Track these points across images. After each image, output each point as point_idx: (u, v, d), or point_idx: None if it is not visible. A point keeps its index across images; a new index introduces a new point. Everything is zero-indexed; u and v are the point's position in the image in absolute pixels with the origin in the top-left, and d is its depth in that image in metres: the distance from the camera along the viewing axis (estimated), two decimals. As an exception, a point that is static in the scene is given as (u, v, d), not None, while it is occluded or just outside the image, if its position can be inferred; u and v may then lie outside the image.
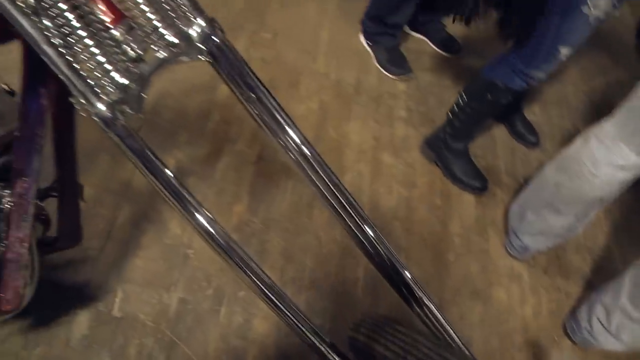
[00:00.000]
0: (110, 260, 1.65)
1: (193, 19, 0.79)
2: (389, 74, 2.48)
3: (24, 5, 0.70)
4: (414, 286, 0.90)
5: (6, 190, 1.07)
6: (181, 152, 1.93)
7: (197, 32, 0.78)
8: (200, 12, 0.79)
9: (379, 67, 2.51)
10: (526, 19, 1.71)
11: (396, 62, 2.49)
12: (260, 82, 0.85)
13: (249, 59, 0.84)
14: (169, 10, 0.78)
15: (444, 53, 2.69)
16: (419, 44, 2.69)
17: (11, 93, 1.17)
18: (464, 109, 2.00)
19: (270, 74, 2.25)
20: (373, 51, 2.54)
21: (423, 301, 0.90)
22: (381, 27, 2.44)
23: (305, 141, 0.87)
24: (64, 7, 0.70)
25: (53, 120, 0.97)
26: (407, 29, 2.67)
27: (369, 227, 0.90)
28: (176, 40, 0.77)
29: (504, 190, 2.18)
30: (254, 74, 0.84)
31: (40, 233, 1.28)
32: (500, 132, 2.43)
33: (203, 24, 0.79)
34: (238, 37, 2.34)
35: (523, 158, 2.35)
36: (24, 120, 0.92)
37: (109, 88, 0.73)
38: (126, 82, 0.73)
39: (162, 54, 0.77)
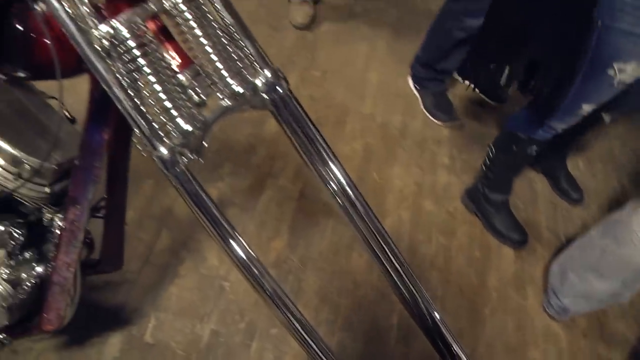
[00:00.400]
0: (147, 285, 1.67)
1: (259, 70, 0.81)
2: (434, 120, 2.48)
3: (99, 48, 0.72)
4: (448, 337, 0.89)
5: (59, 215, 1.10)
6: (225, 183, 1.95)
7: (262, 82, 0.80)
8: (267, 63, 0.81)
9: (425, 111, 2.51)
10: (550, 75, 1.72)
11: (443, 108, 2.49)
12: (317, 131, 0.86)
13: (298, 96, 0.85)
14: (236, 59, 0.80)
15: (490, 101, 2.68)
16: (465, 91, 2.69)
17: (72, 120, 1.21)
18: (494, 161, 2.02)
19: (318, 112, 2.27)
20: (420, 95, 2.54)
21: (457, 354, 0.89)
22: (430, 72, 2.45)
23: (350, 182, 0.88)
24: (138, 53, 0.73)
25: (110, 148, 1.00)
26: (455, 74, 2.68)
27: (407, 274, 0.89)
28: (241, 90, 0.79)
29: (544, 246, 2.14)
30: (313, 124, 0.85)
31: (84, 255, 1.31)
32: (542, 186, 2.39)
33: (269, 75, 0.80)
34: (289, 73, 2.35)
35: (565, 214, 2.31)
36: (84, 151, 0.95)
37: (173, 133, 0.74)
38: (190, 128, 0.75)
39: (226, 102, 0.79)
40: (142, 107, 0.74)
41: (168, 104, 0.74)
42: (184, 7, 0.76)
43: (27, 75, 0.95)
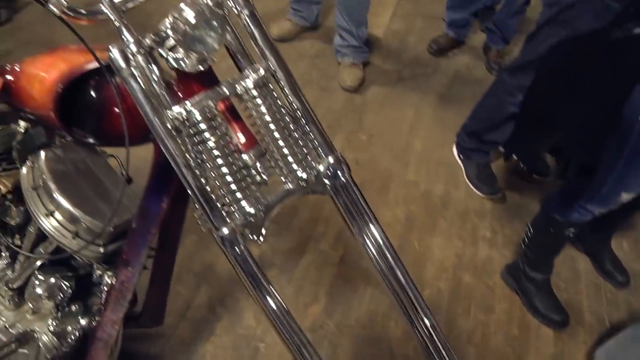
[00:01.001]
0: (183, 340, 1.68)
1: (323, 155, 0.83)
2: (476, 191, 2.47)
3: (170, 127, 0.76)
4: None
5: (108, 272, 1.13)
6: (266, 242, 1.97)
7: (325, 168, 0.83)
8: (331, 150, 0.84)
9: (467, 182, 2.51)
10: (590, 158, 1.71)
11: (485, 180, 2.48)
12: (368, 207, 0.88)
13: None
14: (302, 144, 0.82)
15: (535, 175, 2.66)
16: (509, 162, 2.69)
17: (129, 180, 1.25)
18: (532, 240, 2.00)
19: (362, 177, 2.29)
20: (464, 165, 2.54)
21: None
22: (477, 143, 2.45)
23: (391, 249, 0.89)
24: (208, 135, 0.76)
25: (167, 213, 1.03)
26: (500, 147, 2.68)
27: (444, 347, 0.89)
28: (305, 176, 0.81)
29: (587, 330, 2.08)
30: (368, 207, 0.87)
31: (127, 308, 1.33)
32: (585, 265, 2.34)
33: (332, 161, 0.83)
34: (335, 136, 2.42)
35: (610, 298, 2.24)
36: (142, 217, 0.98)
37: (236, 214, 0.77)
38: (253, 211, 0.77)
39: (289, 186, 0.82)
40: (207, 187, 0.77)
41: (233, 186, 0.76)
42: (255, 93, 0.79)
43: (95, 141, 0.99)
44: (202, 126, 0.75)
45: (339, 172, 0.84)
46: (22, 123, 1.14)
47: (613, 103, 1.55)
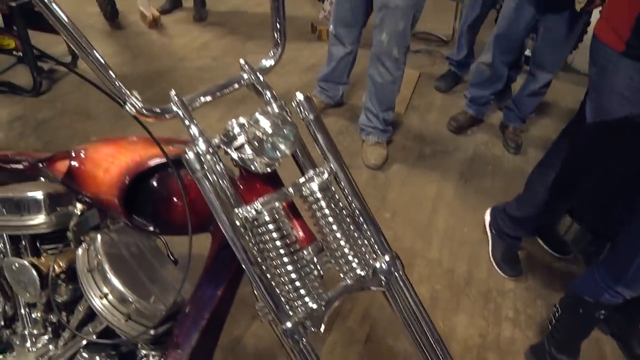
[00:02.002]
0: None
1: (379, 253, 0.88)
2: (499, 271, 2.49)
3: (238, 223, 0.81)
4: None
5: (153, 353, 1.16)
6: (293, 319, 1.98)
7: (382, 265, 0.87)
8: (387, 248, 0.88)
9: (491, 260, 2.52)
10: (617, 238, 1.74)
11: (510, 263, 2.49)
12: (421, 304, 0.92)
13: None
14: (360, 243, 0.87)
15: (555, 254, 2.68)
16: (531, 241, 2.71)
17: (175, 262, 1.30)
18: (560, 321, 1.99)
19: (386, 254, 2.32)
20: (492, 242, 2.55)
21: None
22: (516, 229, 2.45)
23: (443, 346, 0.92)
24: (275, 235, 0.81)
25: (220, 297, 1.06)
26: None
27: None
28: (363, 273, 0.86)
29: (613, 417, 2.06)
30: (421, 303, 0.91)
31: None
32: (611, 349, 2.31)
33: (387, 259, 0.87)
34: (360, 213, 2.46)
35: (636, 383, 2.23)
36: (195, 302, 1.02)
37: (299, 309, 0.81)
38: (315, 306, 0.81)
39: (347, 282, 0.86)
40: (272, 282, 0.81)
41: (298, 283, 0.81)
42: (320, 195, 0.85)
43: (155, 229, 1.04)
44: (271, 226, 0.80)
45: (393, 268, 0.88)
46: (78, 205, 1.19)
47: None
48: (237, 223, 0.80)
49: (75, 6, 4.18)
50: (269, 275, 0.81)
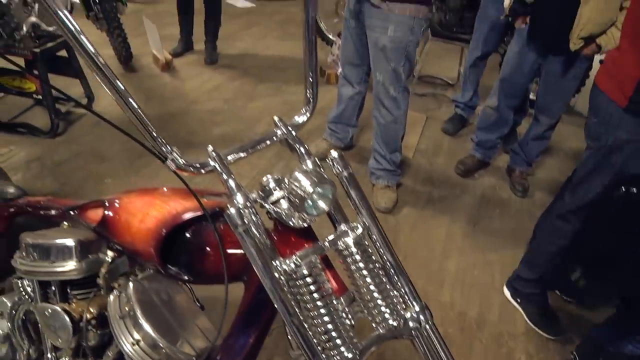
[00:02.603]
0: None
1: (410, 303, 0.92)
2: (543, 333, 2.43)
3: (276, 275, 0.85)
4: None
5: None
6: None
7: (412, 315, 0.91)
8: (417, 299, 0.92)
9: (532, 326, 2.47)
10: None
11: (549, 323, 2.45)
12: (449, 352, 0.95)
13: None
14: (391, 293, 0.91)
15: (566, 297, 2.69)
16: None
17: (202, 308, 1.33)
18: None
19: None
20: (524, 309, 2.52)
21: None
22: (536, 287, 2.45)
23: None
24: (313, 288, 0.84)
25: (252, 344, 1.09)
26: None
27: None
28: (395, 323, 0.89)
29: None
30: (449, 351, 0.94)
31: None
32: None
33: (417, 309, 0.91)
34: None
35: None
36: (228, 349, 1.05)
37: (335, 358, 0.84)
38: (350, 356, 0.84)
39: (380, 331, 0.89)
40: (309, 332, 0.84)
41: (334, 333, 0.84)
42: (354, 250, 0.89)
43: (189, 279, 1.08)
44: (308, 279, 0.84)
45: (422, 318, 0.91)
46: (109, 252, 1.23)
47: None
48: (276, 275, 0.84)
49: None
50: (305, 325, 0.84)
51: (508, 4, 2.87)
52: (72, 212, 1.31)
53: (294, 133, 1.00)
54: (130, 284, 1.17)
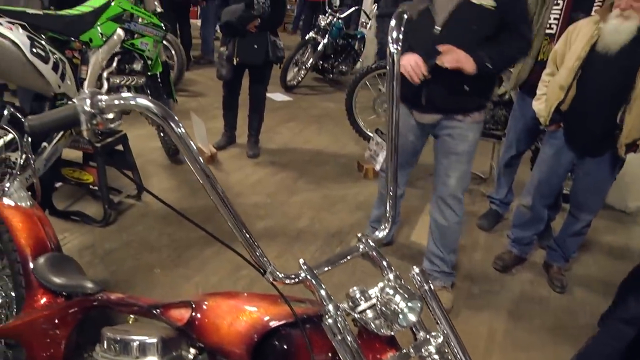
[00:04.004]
0: None
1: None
2: None
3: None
4: None
5: None
6: None
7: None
8: None
9: None
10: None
11: None
12: None
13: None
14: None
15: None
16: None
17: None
18: None
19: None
20: None
21: None
22: None
23: None
24: None
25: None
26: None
27: None
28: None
29: None
30: None
31: None
32: None
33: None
34: None
35: None
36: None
37: None
38: None
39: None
40: None
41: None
42: (437, 357, 0.97)
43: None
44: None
45: None
46: (192, 350, 1.31)
47: None
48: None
49: (140, 141, 4.50)
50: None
51: (545, 115, 2.99)
52: (155, 311, 1.40)
53: (375, 248, 1.10)
54: (211, 383, 1.24)
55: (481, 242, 3.87)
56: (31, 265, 1.75)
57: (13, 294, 1.84)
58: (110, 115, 0.91)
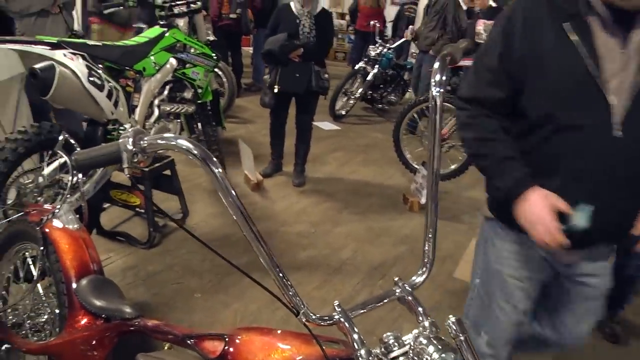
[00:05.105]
0: None
1: None
2: None
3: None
4: None
5: None
6: None
7: None
8: None
9: None
10: None
11: None
12: None
13: None
14: None
15: None
16: None
17: None
18: None
19: None
20: None
21: None
22: None
23: None
24: None
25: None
26: None
27: None
28: None
29: None
30: None
31: None
32: None
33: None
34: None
35: None
36: None
37: None
38: None
39: None
40: None
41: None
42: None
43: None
44: None
45: None
46: (223, 384, 1.30)
47: None
48: None
49: (187, 166, 4.59)
50: None
51: None
52: (189, 341, 1.40)
53: (412, 293, 1.08)
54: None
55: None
56: (74, 286, 1.79)
57: (57, 312, 1.88)
58: (154, 154, 0.94)
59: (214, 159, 0.93)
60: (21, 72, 3.26)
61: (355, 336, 0.99)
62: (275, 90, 4.57)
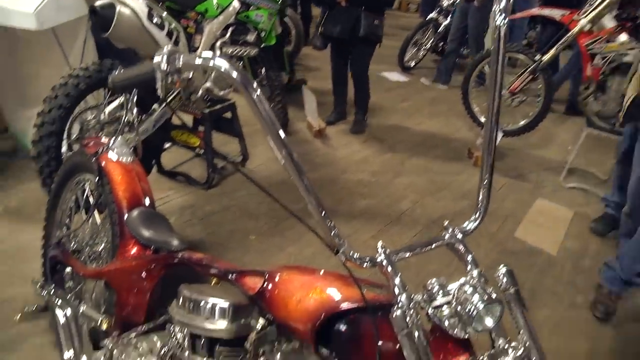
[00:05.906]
0: None
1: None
2: None
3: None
4: None
5: None
6: None
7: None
8: None
9: None
10: None
11: None
12: None
13: None
14: None
15: None
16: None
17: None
18: None
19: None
20: None
21: None
22: None
23: None
24: None
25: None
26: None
27: None
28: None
29: None
30: None
31: None
32: None
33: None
34: None
35: None
36: None
37: None
38: None
39: None
40: None
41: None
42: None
43: (337, 363, 1.10)
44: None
45: None
46: (260, 320, 1.28)
47: None
48: None
49: (249, 110, 4.57)
50: None
51: None
52: (230, 276, 1.38)
53: (462, 239, 1.00)
54: (278, 355, 1.21)
55: (591, 249, 3.56)
56: (125, 216, 1.80)
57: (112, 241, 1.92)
58: (189, 75, 0.89)
59: (254, 82, 0.88)
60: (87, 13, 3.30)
61: (397, 280, 0.92)
62: (319, 33, 4.52)
